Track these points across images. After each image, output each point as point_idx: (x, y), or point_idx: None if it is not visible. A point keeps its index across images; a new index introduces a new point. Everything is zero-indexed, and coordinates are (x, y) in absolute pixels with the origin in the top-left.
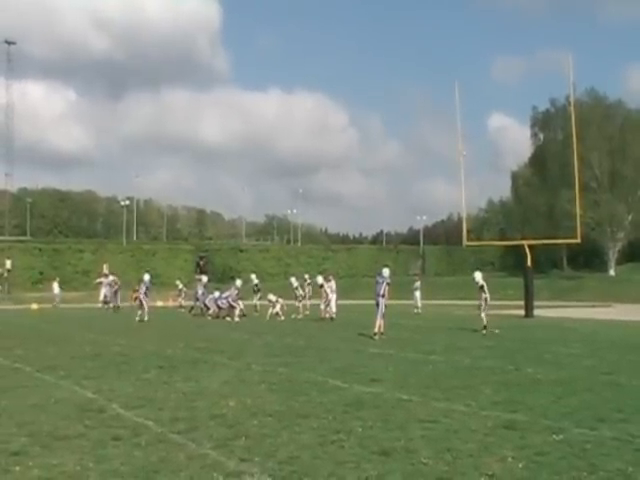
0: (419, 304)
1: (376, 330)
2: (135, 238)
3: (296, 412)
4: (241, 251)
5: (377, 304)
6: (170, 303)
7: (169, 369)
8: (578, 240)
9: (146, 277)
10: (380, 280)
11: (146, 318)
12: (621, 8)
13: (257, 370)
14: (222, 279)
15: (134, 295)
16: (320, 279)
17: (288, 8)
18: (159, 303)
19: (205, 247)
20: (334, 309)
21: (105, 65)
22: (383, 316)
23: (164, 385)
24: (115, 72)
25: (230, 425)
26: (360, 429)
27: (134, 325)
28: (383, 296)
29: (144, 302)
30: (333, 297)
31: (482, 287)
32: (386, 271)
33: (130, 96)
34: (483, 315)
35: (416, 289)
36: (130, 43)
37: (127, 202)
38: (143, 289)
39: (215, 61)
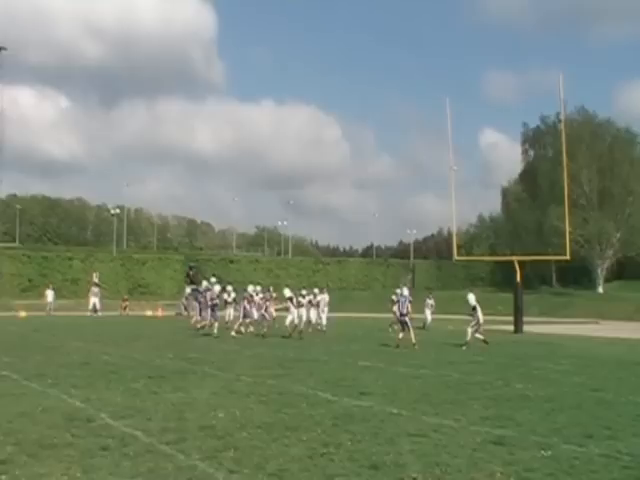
0: (428, 320)
1: (414, 341)
2: (125, 247)
3: (285, 424)
4: (231, 262)
5: (405, 322)
6: (159, 313)
7: (158, 379)
8: (567, 257)
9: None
10: (402, 299)
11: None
12: (611, 28)
13: (246, 382)
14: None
15: (123, 304)
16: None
17: (283, 20)
18: (148, 313)
19: (195, 257)
20: (324, 322)
21: (98, 73)
22: (409, 329)
23: (153, 395)
24: (108, 80)
25: (219, 436)
26: (349, 442)
27: (123, 334)
28: (407, 314)
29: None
30: (325, 310)
31: (474, 308)
32: (406, 290)
33: (123, 104)
34: (470, 330)
35: (427, 306)
36: (124, 51)
37: (117, 211)
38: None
39: (209, 71)
